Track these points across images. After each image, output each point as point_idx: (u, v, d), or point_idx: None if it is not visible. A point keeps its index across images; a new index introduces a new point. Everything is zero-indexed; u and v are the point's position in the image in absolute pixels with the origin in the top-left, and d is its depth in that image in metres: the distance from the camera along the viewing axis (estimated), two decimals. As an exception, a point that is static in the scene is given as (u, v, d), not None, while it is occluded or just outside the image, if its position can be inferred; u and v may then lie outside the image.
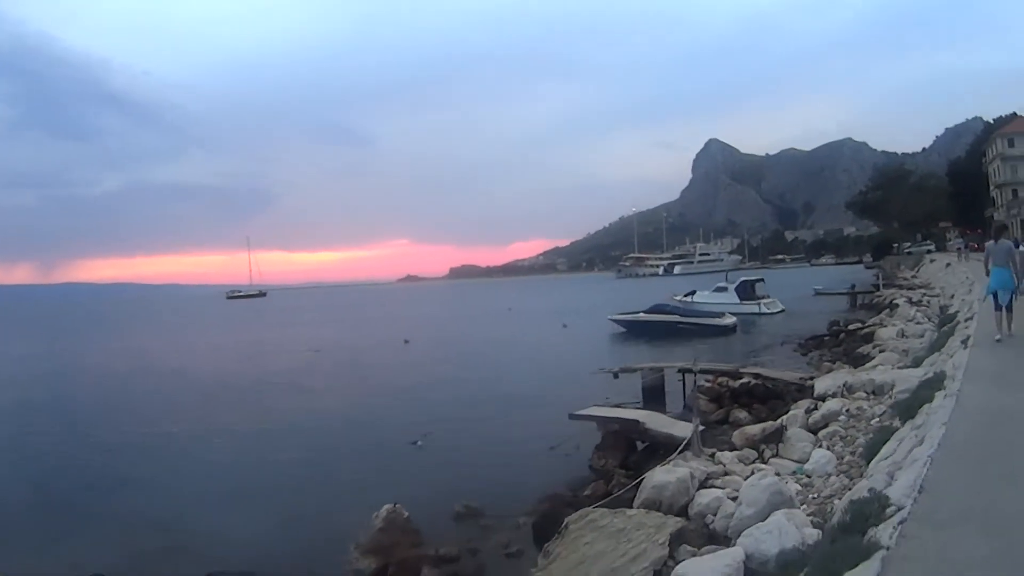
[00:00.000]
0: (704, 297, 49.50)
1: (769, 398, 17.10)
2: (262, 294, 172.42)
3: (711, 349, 30.66)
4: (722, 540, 7.96)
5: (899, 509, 4.68)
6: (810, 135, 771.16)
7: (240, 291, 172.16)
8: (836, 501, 7.85)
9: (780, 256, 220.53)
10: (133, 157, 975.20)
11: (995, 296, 12.36)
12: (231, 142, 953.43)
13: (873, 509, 4.81)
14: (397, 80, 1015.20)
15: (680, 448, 11.44)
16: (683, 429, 12.89)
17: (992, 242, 13.12)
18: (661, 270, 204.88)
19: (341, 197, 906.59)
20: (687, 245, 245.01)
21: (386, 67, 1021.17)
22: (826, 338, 29.50)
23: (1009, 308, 12.10)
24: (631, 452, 13.76)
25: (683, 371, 19.93)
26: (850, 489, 7.70)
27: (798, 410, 13.49)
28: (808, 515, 7.49)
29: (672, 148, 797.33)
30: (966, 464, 5.41)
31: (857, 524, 4.73)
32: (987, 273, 12.95)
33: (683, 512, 8.91)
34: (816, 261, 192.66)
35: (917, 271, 57.70)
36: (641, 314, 41.85)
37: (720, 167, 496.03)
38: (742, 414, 16.51)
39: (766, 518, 7.31)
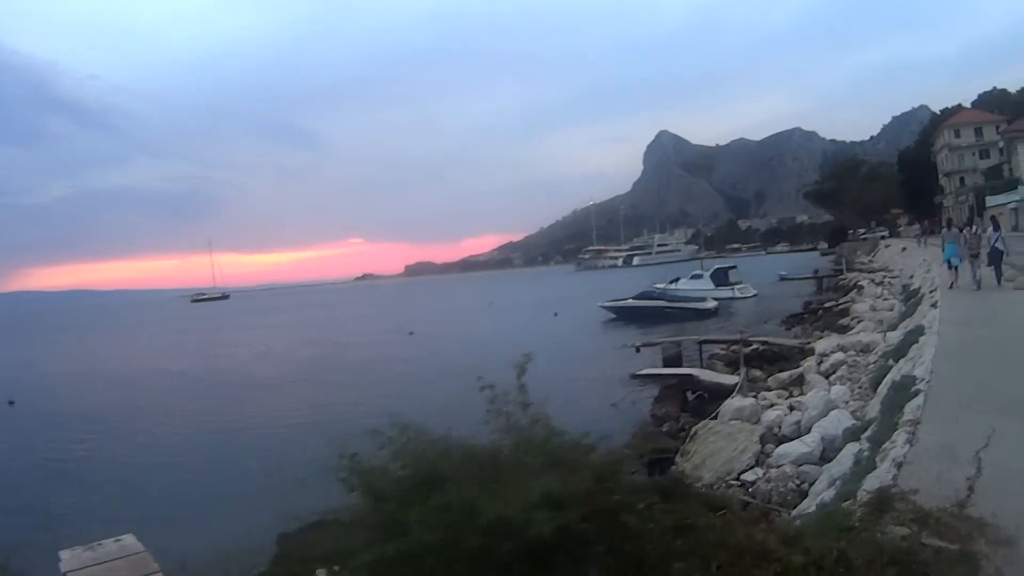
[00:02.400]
0: (681, 284, 54.11)
1: (777, 360, 21.45)
2: (225, 296, 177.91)
3: (699, 330, 34.98)
4: (788, 440, 12.14)
5: (923, 379, 8.87)
6: (760, 125, 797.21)
7: (204, 294, 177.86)
8: (857, 413, 12.07)
9: (736, 245, 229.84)
10: (82, 163, 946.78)
11: (948, 262, 20.37)
12: (182, 145, 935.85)
13: (908, 381, 9.02)
14: (348, 79, 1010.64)
15: (735, 391, 15.68)
16: (728, 379, 17.20)
17: (946, 229, 22.11)
18: (620, 262, 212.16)
19: (293, 198, 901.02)
20: (645, 236, 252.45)
21: (337, 66, 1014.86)
22: (805, 315, 34.27)
23: (956, 269, 19.83)
24: (685, 401, 17.93)
25: (701, 342, 24.37)
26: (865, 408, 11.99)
27: (810, 362, 17.87)
28: (846, 417, 11.76)
29: (622, 141, 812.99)
30: (955, 361, 9.67)
31: (901, 388, 8.92)
32: (943, 249, 21.22)
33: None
34: (772, 249, 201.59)
35: (873, 256, 63.55)
36: (630, 300, 46.42)
37: (671, 158, 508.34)
38: (757, 372, 20.79)
39: (826, 416, 11.59)
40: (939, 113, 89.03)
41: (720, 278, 54.24)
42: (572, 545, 3.02)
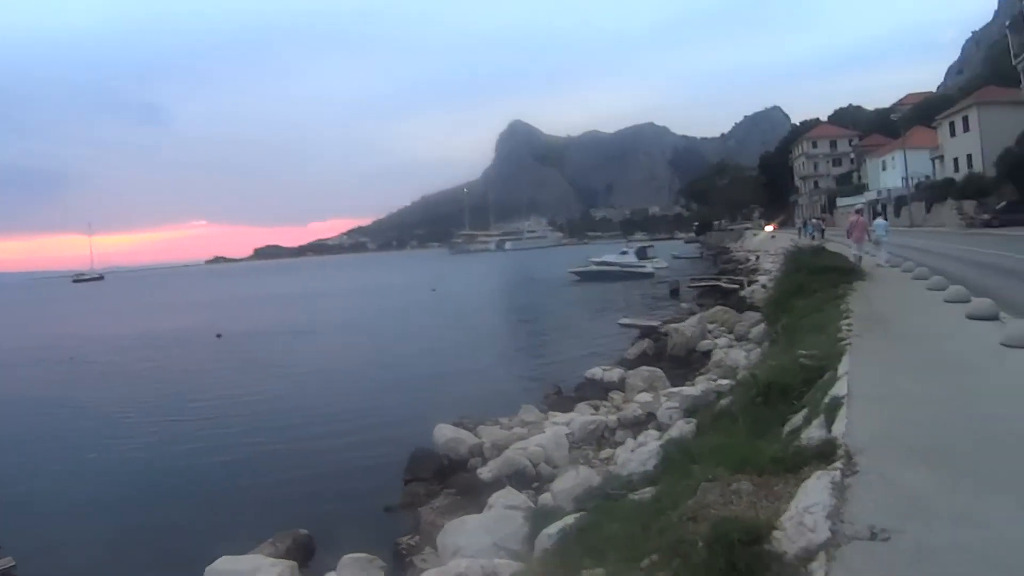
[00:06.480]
0: (614, 257, 74.55)
1: (730, 293, 41.68)
2: (101, 277, 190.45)
3: (643, 286, 54.73)
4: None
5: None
6: (614, 118, 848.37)
7: (84, 275, 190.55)
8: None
9: (597, 233, 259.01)
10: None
11: (801, 233, 48.13)
12: (24, 123, 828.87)
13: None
14: (204, 55, 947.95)
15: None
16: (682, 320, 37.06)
17: (805, 219, 46.82)
18: (493, 246, 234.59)
19: (138, 177, 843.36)
20: (518, 222, 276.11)
21: (193, 40, 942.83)
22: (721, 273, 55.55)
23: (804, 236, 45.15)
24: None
25: (692, 280, 44.51)
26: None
27: (754, 286, 38.08)
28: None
29: (475, 128, 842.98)
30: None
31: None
32: (800, 229, 49.50)
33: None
34: (631, 238, 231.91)
35: (741, 243, 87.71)
36: (593, 266, 66.55)
37: (524, 148, 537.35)
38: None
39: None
40: (798, 125, 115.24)
41: (642, 253, 75.68)
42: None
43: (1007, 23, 55.69)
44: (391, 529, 10.40)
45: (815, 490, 4.42)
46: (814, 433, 6.11)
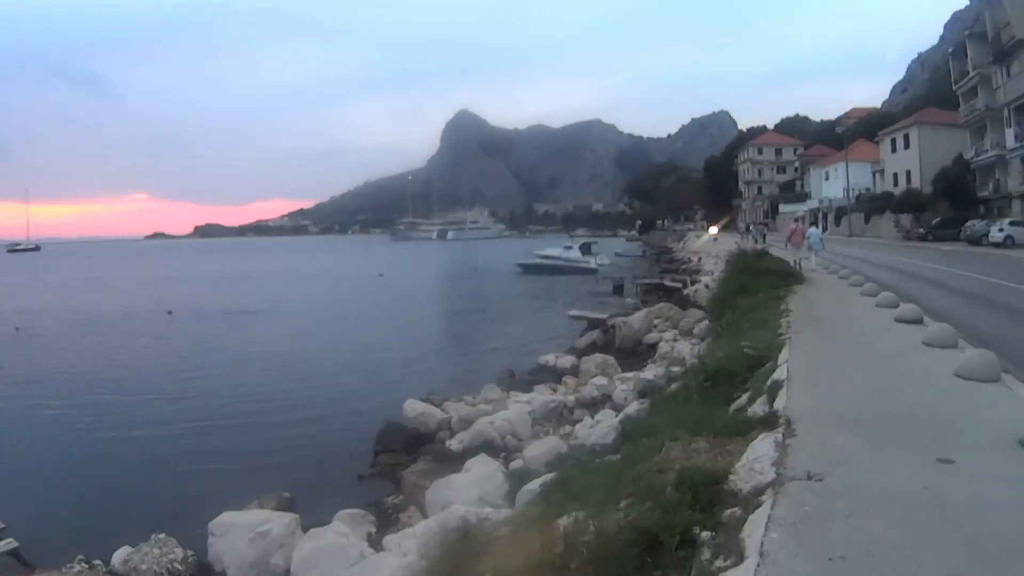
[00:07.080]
0: (559, 252, 76.02)
1: (673, 291, 43.41)
2: (37, 248, 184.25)
3: (589, 281, 56.09)
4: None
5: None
6: (562, 114, 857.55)
7: (20, 245, 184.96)
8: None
9: (540, 228, 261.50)
10: None
11: (743, 236, 49.21)
12: None
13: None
14: (143, 30, 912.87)
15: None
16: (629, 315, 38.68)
17: (747, 224, 48.56)
18: (435, 235, 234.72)
19: (80, 147, 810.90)
20: (460, 212, 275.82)
21: (133, 15, 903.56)
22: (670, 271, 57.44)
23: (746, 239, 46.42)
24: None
25: (636, 279, 45.98)
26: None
27: (697, 286, 39.86)
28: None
29: (421, 116, 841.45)
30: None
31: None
32: (742, 232, 51.90)
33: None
34: (574, 234, 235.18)
35: (684, 244, 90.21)
36: (537, 259, 67.60)
37: (470, 138, 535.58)
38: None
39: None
40: (744, 131, 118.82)
41: (585, 249, 77.05)
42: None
43: (950, 50, 59.12)
44: (369, 493, 11.16)
45: (761, 446, 5.45)
46: (758, 408, 7.22)
